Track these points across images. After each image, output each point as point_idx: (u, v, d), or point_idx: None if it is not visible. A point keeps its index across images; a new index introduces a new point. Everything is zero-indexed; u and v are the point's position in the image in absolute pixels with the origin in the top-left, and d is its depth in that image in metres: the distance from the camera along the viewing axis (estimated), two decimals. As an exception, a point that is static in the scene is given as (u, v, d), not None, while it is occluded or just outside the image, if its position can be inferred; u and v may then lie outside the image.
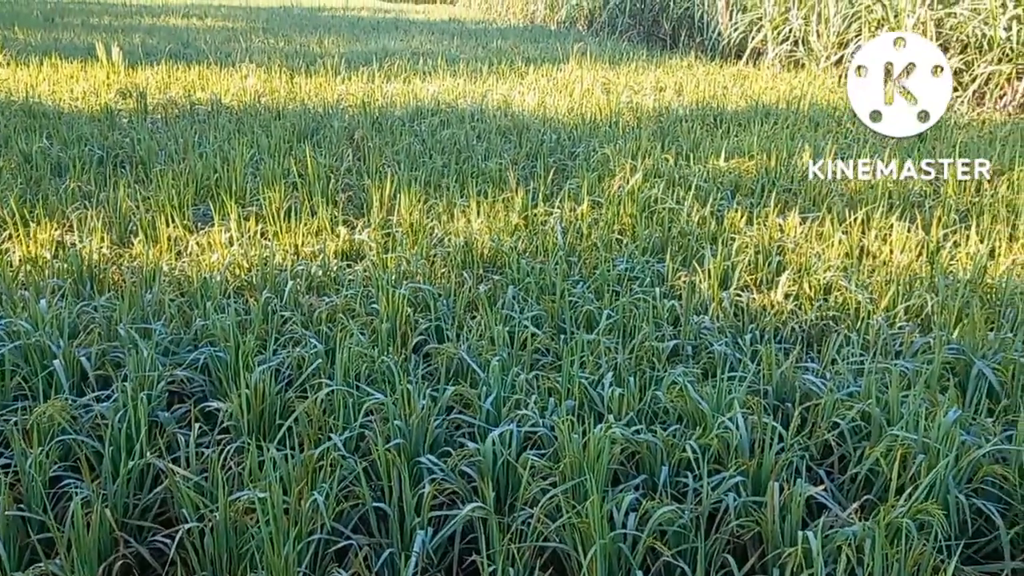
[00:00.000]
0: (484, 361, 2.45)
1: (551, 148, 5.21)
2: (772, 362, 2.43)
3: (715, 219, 3.84)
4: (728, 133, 5.74)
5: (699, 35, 11.95)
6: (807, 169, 4.53)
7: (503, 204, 3.91)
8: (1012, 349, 2.50)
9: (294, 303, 2.87)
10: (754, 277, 3.21)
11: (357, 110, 6.30)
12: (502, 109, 6.52)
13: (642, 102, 6.99)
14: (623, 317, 2.76)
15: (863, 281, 3.15)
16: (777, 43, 9.90)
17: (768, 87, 7.96)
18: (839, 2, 9.19)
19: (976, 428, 2.14)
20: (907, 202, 4.10)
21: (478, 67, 8.98)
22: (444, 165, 4.72)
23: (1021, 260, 3.35)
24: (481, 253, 3.37)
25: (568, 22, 17.31)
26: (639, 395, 2.28)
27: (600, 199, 4.06)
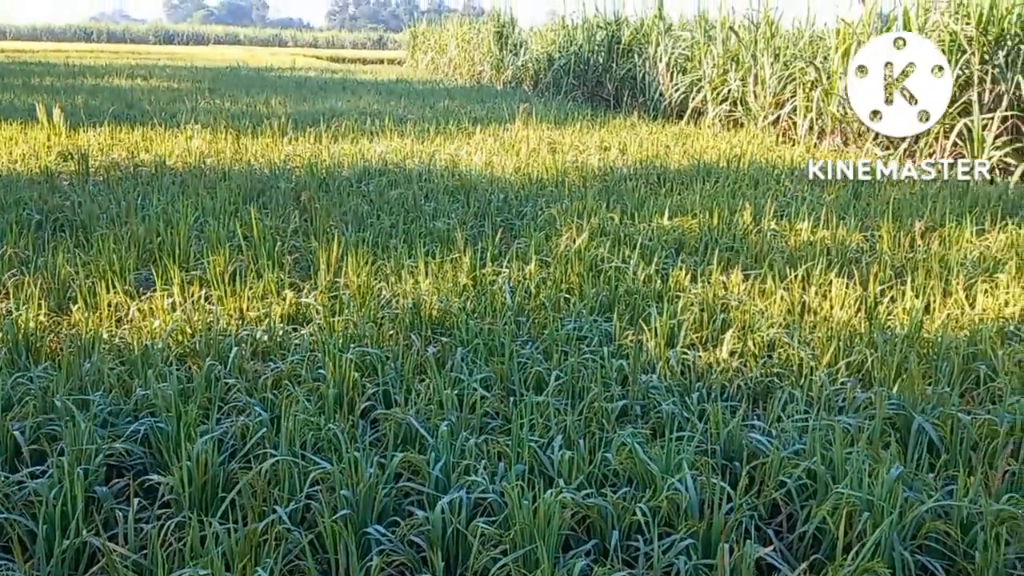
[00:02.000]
0: (433, 426, 2.43)
1: (499, 208, 5.26)
2: (719, 421, 2.46)
3: (660, 277, 3.89)
4: (671, 192, 5.86)
5: (642, 95, 12.28)
6: (748, 226, 4.65)
7: (451, 264, 3.92)
8: (950, 404, 2.56)
9: (239, 370, 2.82)
10: (700, 335, 3.25)
11: (304, 171, 6.30)
12: (450, 169, 6.58)
13: (587, 161, 7.12)
14: (572, 378, 2.77)
15: (805, 337, 3.22)
16: (717, 103, 10.21)
17: (709, 146, 8.17)
18: (774, 64, 9.54)
19: (918, 484, 2.18)
20: (845, 258, 4.21)
21: (425, 127, 9.07)
22: (392, 225, 4.73)
23: (955, 315, 3.46)
24: (430, 314, 3.37)
25: (514, 82, 17.65)
26: (589, 458, 2.28)
27: (548, 258, 4.10)
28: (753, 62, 9.83)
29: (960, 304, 3.58)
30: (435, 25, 27.13)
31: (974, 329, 3.25)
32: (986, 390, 2.79)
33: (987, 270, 4.01)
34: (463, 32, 22.28)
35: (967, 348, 3.04)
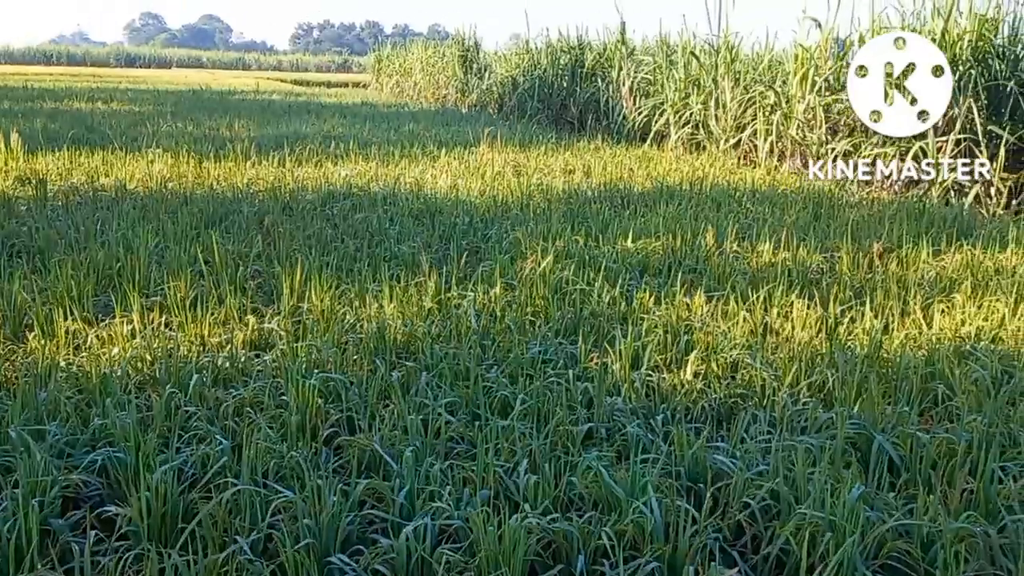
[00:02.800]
0: (397, 452, 2.41)
1: (464, 231, 5.27)
2: (684, 443, 2.46)
3: (625, 299, 3.91)
4: (635, 214, 5.91)
5: (605, 119, 12.40)
6: (710, 248, 4.70)
7: (416, 288, 3.91)
8: (909, 423, 2.60)
9: (199, 397, 2.78)
10: (664, 357, 3.27)
11: (268, 195, 6.26)
12: (415, 192, 6.58)
13: (552, 184, 7.16)
14: (537, 401, 2.76)
15: (768, 358, 3.25)
16: (679, 127, 10.34)
17: (672, 168, 8.26)
18: (735, 89, 9.69)
19: (879, 503, 2.20)
20: (806, 279, 4.27)
21: (390, 150, 9.07)
22: (356, 249, 4.71)
23: (913, 335, 3.52)
24: (394, 339, 3.35)
25: (479, 105, 17.74)
26: (554, 482, 2.28)
27: (513, 281, 4.11)
28: (714, 86, 9.98)
29: (918, 324, 3.64)
30: (400, 48, 27.21)
31: (932, 348, 3.30)
32: (944, 409, 2.84)
33: (943, 290, 4.09)
34: (428, 56, 22.37)
35: (925, 367, 3.09)
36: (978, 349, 3.30)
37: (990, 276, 4.30)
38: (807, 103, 8.49)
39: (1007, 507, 2.18)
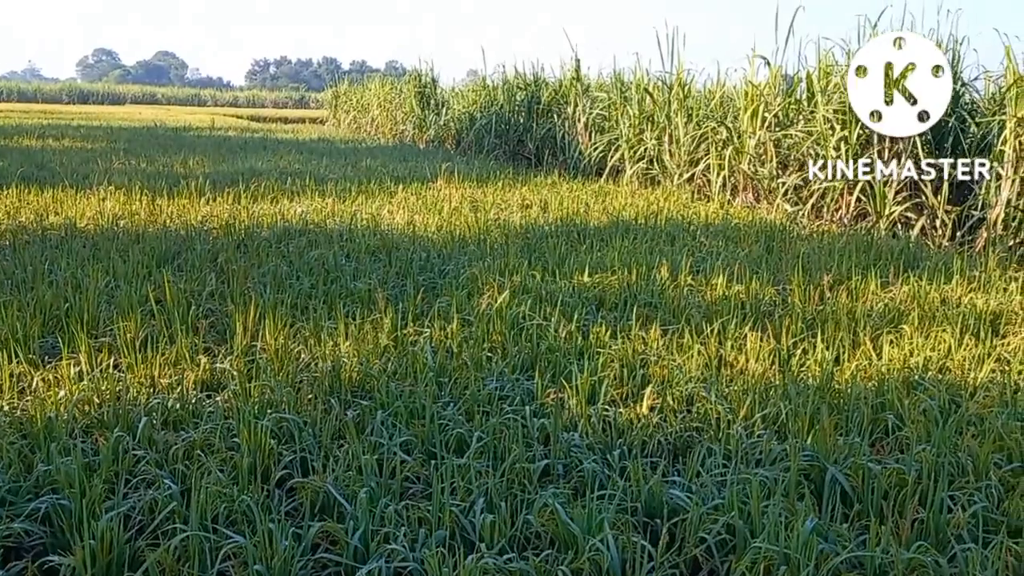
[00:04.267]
0: (351, 493, 2.37)
1: (421, 267, 5.26)
2: (640, 478, 2.47)
3: (581, 334, 3.93)
4: (592, 248, 5.95)
5: (562, 154, 12.53)
6: (665, 282, 4.76)
7: (372, 325, 3.89)
8: (860, 453, 2.64)
9: (148, 440, 2.71)
10: (620, 391, 3.28)
11: (222, 232, 6.20)
12: (371, 228, 6.56)
13: (509, 219, 7.19)
14: (494, 438, 2.75)
15: (722, 391, 3.27)
16: (634, 161, 10.48)
17: (628, 203, 8.35)
18: (688, 124, 9.87)
19: (833, 535, 2.22)
20: (759, 312, 4.33)
21: (347, 186, 9.05)
22: (312, 287, 4.67)
23: (864, 366, 3.57)
24: (349, 377, 3.32)
25: (436, 141, 17.82)
26: (511, 520, 2.26)
27: (470, 317, 4.10)
28: (667, 122, 10.15)
29: (868, 355, 3.71)
30: (357, 85, 27.27)
31: (881, 379, 3.36)
32: (895, 439, 2.88)
33: (892, 321, 4.17)
34: (385, 92, 22.45)
35: (875, 398, 3.14)
36: (926, 379, 3.37)
37: (936, 307, 4.40)
38: (758, 138, 8.67)
39: (956, 536, 2.21)
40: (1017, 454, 2.67)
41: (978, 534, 2.23)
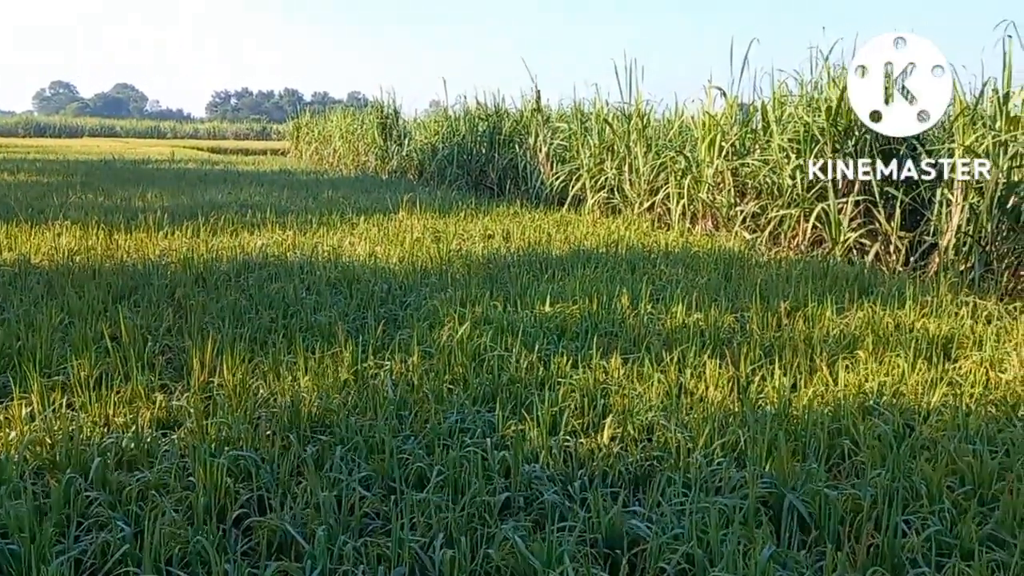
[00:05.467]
0: (310, 531, 2.35)
1: (382, 299, 5.24)
2: (600, 508, 2.47)
3: (543, 364, 3.94)
4: (553, 278, 5.98)
5: (524, 184, 12.61)
6: (626, 310, 4.79)
7: (332, 359, 3.86)
8: (817, 479, 2.66)
9: (101, 482, 2.66)
10: (581, 421, 3.28)
11: (180, 266, 6.13)
12: (332, 260, 6.53)
13: (472, 250, 7.21)
14: (454, 472, 2.74)
15: (682, 419, 3.30)
16: (595, 191, 10.58)
17: (589, 232, 8.42)
18: (647, 154, 10.00)
19: (791, 561, 2.24)
20: (718, 340, 4.37)
21: (308, 218, 9.02)
22: (271, 321, 4.63)
23: (820, 392, 3.62)
24: (309, 412, 3.28)
25: (399, 172, 17.85)
26: (471, 555, 2.25)
27: (431, 349, 4.09)
28: (627, 152, 10.27)
29: (824, 380, 3.76)
30: (319, 116, 27.28)
31: (837, 405, 3.40)
32: (850, 464, 2.92)
33: (847, 347, 4.24)
34: (347, 123, 22.47)
35: (832, 423, 3.18)
36: (881, 404, 3.42)
37: (890, 332, 4.48)
38: (715, 167, 8.80)
39: (911, 560, 2.24)
40: (969, 477, 2.71)
41: (932, 558, 2.26)
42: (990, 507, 2.56)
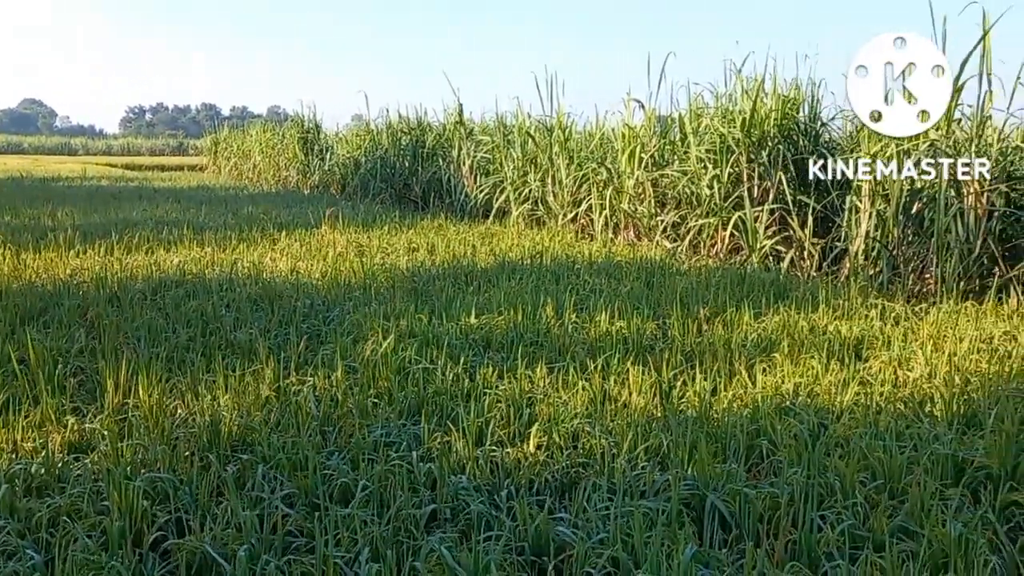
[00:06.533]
0: (231, 552, 2.29)
1: (304, 314, 5.17)
2: (527, 517, 2.48)
3: (468, 376, 3.93)
4: (479, 290, 5.99)
5: (448, 197, 12.61)
6: (551, 320, 4.84)
7: (253, 377, 3.79)
8: (737, 479, 2.73)
9: (9, 510, 2.55)
10: (507, 431, 3.29)
11: (93, 285, 5.93)
12: (253, 277, 6.41)
13: (396, 263, 7.17)
14: (380, 486, 2.71)
15: (607, 426, 3.33)
16: (519, 203, 10.65)
17: (514, 244, 8.46)
18: (570, 166, 10.12)
19: (713, 561, 2.29)
20: (641, 346, 4.44)
21: (227, 234, 8.84)
22: (189, 339, 4.52)
23: (740, 394, 3.71)
24: (229, 431, 3.21)
25: (321, 187, 17.64)
26: (396, 569, 2.23)
27: (355, 364, 4.05)
28: (550, 164, 10.38)
29: (743, 383, 3.85)
30: (238, 131, 26.80)
31: (756, 407, 3.49)
32: (769, 463, 3.00)
33: (764, 350, 4.35)
34: (267, 137, 22.13)
35: (750, 425, 3.27)
36: (797, 405, 3.53)
37: (805, 335, 4.62)
38: (636, 178, 8.96)
39: (827, 554, 2.32)
40: (880, 472, 2.82)
41: (846, 551, 2.34)
42: (900, 500, 2.66)
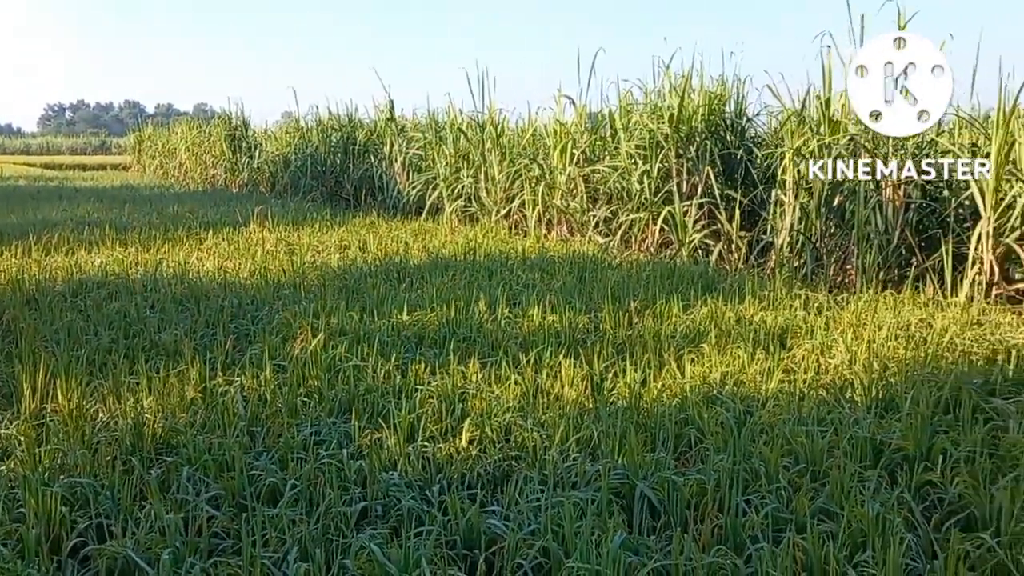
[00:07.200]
0: (154, 556, 2.24)
1: (232, 314, 5.07)
2: (458, 511, 2.48)
3: (400, 373, 3.91)
4: (411, 287, 5.96)
5: (381, 194, 12.51)
6: (484, 315, 4.84)
7: (178, 378, 3.70)
8: (666, 468, 2.77)
9: (-84, 521, 2.44)
10: (440, 427, 3.28)
11: (8, 288, 5.72)
12: (179, 277, 6.26)
13: (327, 261, 7.09)
14: (308, 485, 2.68)
15: (539, 419, 3.35)
16: (452, 199, 10.62)
17: (447, 241, 8.44)
18: (503, 162, 10.12)
19: (642, 547, 2.32)
20: (573, 340, 4.47)
21: (152, 234, 8.62)
22: (112, 341, 4.40)
23: (669, 384, 3.77)
24: (153, 434, 3.13)
25: (250, 185, 17.33)
26: (326, 567, 2.20)
27: (284, 363, 3.99)
28: (483, 160, 10.37)
29: (673, 374, 3.91)
30: (163, 129, 26.14)
31: (684, 396, 3.55)
32: (697, 451, 3.05)
33: (693, 341, 4.43)
34: (193, 135, 21.64)
35: (679, 414, 3.32)
36: (724, 393, 3.60)
37: (732, 326, 4.72)
38: (568, 174, 9.02)
39: (752, 537, 2.37)
40: (803, 456, 2.89)
41: (769, 533, 2.39)
42: (821, 482, 2.74)
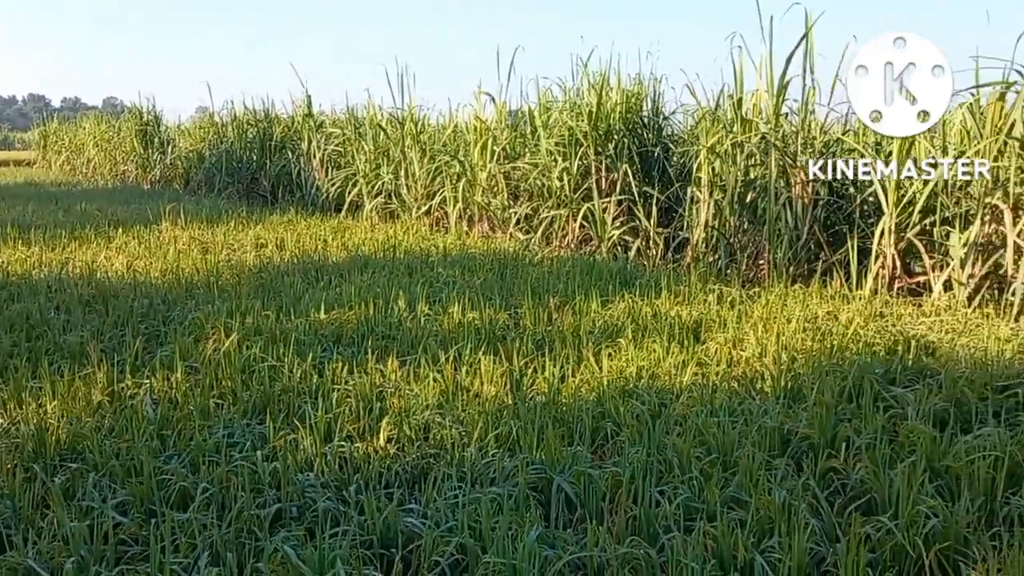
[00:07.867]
0: (57, 565, 2.16)
1: (143, 314, 4.92)
2: (375, 510, 2.46)
3: (317, 372, 3.86)
4: (329, 285, 5.88)
5: (299, 191, 12.30)
6: (403, 313, 4.80)
7: (84, 381, 3.57)
8: (583, 461, 2.80)
9: None
10: (357, 426, 3.25)
11: (-101, 290, 5.43)
12: (85, 277, 6.04)
13: (243, 259, 6.94)
14: (221, 488, 2.62)
15: (458, 416, 3.35)
16: (372, 196, 10.52)
17: (367, 238, 8.35)
18: (423, 159, 10.08)
19: (559, 541, 2.34)
20: (493, 336, 4.48)
21: (58, 232, 8.30)
22: (13, 344, 4.22)
23: (587, 379, 3.82)
24: (57, 440, 3.02)
25: (163, 181, 16.85)
26: (238, 571, 2.16)
27: (196, 364, 3.89)
28: (403, 157, 10.30)
29: (591, 368, 3.96)
30: (70, 123, 25.17)
31: (602, 390, 3.60)
32: (613, 444, 3.10)
33: (611, 336, 4.49)
34: (102, 130, 20.89)
35: (596, 408, 3.36)
36: (639, 387, 3.66)
37: (648, 320, 4.80)
38: (488, 171, 9.03)
39: (665, 528, 2.42)
40: (714, 446, 2.97)
41: (682, 523, 2.45)
42: (732, 472, 2.81)
